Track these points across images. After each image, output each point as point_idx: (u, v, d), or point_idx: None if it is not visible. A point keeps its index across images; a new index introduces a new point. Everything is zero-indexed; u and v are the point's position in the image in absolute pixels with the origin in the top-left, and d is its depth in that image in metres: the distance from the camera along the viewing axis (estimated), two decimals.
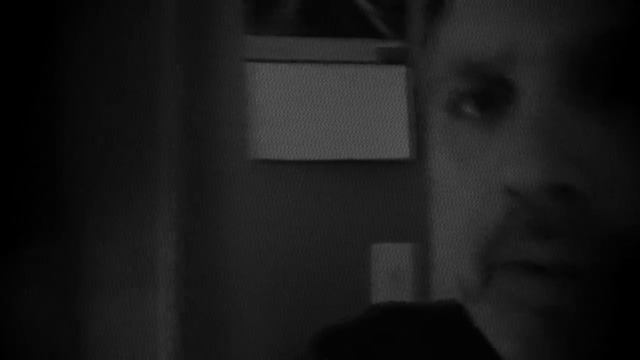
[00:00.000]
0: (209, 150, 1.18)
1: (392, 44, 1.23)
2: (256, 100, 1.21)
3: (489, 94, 0.38)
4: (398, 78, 1.23)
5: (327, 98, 1.24)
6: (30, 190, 1.12)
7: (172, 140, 1.15)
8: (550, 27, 0.35)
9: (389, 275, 1.27)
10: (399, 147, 1.24)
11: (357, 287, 1.24)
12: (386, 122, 1.24)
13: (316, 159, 1.24)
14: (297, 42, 1.23)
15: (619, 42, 0.34)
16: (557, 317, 0.34)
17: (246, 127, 1.20)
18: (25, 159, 1.11)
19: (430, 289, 1.26)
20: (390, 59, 1.22)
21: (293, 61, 1.23)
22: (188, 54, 1.17)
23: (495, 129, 0.37)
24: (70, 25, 1.13)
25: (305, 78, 1.23)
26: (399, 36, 1.22)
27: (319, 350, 0.57)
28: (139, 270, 1.18)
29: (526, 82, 0.36)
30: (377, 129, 1.24)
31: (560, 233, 0.34)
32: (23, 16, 1.10)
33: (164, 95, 1.14)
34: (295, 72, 1.23)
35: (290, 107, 1.23)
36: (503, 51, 0.36)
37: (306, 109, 1.23)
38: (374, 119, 1.24)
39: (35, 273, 1.13)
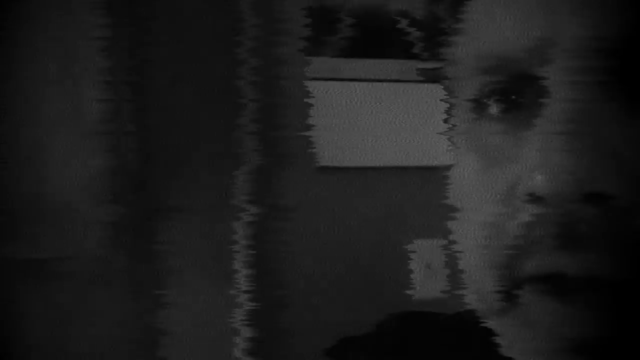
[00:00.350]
0: (281, 158, 1.34)
1: (430, 64, 1.42)
2: (318, 114, 1.37)
3: (518, 93, 0.35)
4: (436, 94, 1.41)
5: (376, 112, 1.42)
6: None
7: (249, 148, 1.30)
8: (591, 19, 0.32)
9: (425, 267, 1.46)
10: (438, 155, 1.42)
11: (399, 277, 1.43)
12: (427, 133, 1.42)
13: (369, 165, 1.42)
14: (349, 63, 1.40)
15: None
16: (586, 348, 0.32)
17: (311, 138, 1.37)
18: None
19: (462, 281, 1.44)
20: (429, 77, 1.41)
21: (347, 79, 1.40)
22: (260, 74, 1.32)
23: (524, 132, 0.34)
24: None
25: (358, 94, 1.41)
26: (436, 58, 1.41)
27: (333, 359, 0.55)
28: (216, 259, 1.33)
29: (560, 81, 0.33)
30: (419, 139, 1.43)
31: (593, 244, 0.31)
32: None
33: (242, 108, 1.30)
34: (349, 89, 1.40)
35: (345, 120, 1.40)
36: (536, 45, 0.33)
37: (359, 121, 1.40)
38: (417, 130, 1.43)
39: None
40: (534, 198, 0.32)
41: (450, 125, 0.40)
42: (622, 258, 0.31)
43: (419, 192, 1.42)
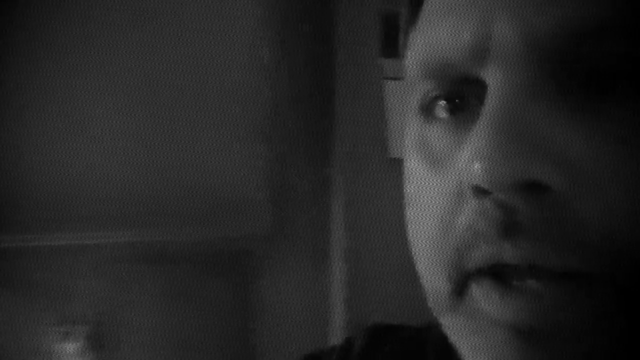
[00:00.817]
0: (361, 150, 1.56)
1: None
2: (392, 110, 1.50)
3: (460, 95, 0.37)
4: None
5: None
6: None
7: (341, 143, 1.59)
8: (524, 20, 0.33)
9: None
10: None
11: None
12: None
13: None
14: None
15: (599, 37, 0.32)
16: (532, 335, 0.32)
17: (385, 132, 1.52)
18: None
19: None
20: None
21: None
22: (345, 73, 1.56)
23: (467, 132, 0.35)
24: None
25: None
26: None
27: None
28: (315, 248, 1.63)
29: (497, 79, 0.33)
30: None
31: (532, 233, 0.32)
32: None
33: (333, 106, 1.59)
34: None
35: None
36: (473, 47, 0.34)
37: None
38: None
39: None
40: (476, 189, 0.33)
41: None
42: (561, 246, 0.31)
43: None
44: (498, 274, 0.33)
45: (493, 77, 0.34)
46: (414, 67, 0.39)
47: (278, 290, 1.65)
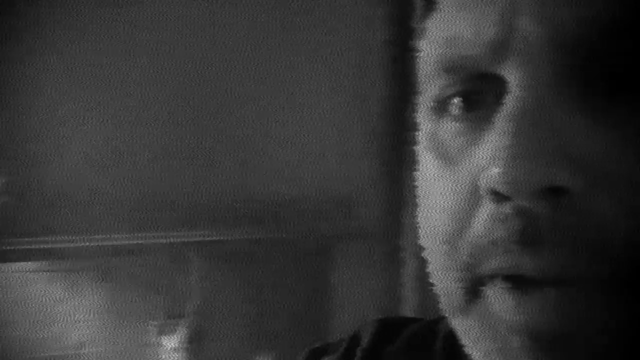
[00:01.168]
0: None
1: None
2: None
3: (478, 92, 0.35)
4: None
5: None
6: None
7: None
8: (551, 15, 0.31)
9: None
10: None
11: None
12: None
13: None
14: None
15: (623, 34, 0.31)
16: (548, 340, 0.31)
17: None
18: None
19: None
20: None
21: None
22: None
23: (482, 130, 0.33)
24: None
25: None
26: None
27: None
28: (389, 245, 1.73)
29: (518, 77, 0.32)
30: None
31: (553, 241, 0.31)
32: None
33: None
34: None
35: None
36: (495, 42, 0.33)
37: None
38: None
39: None
40: (494, 194, 0.31)
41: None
42: (583, 253, 0.30)
43: None
44: (513, 278, 0.32)
45: (514, 74, 0.32)
46: (430, 60, 0.37)
47: (354, 284, 1.76)
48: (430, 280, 0.38)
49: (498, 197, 0.31)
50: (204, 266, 1.66)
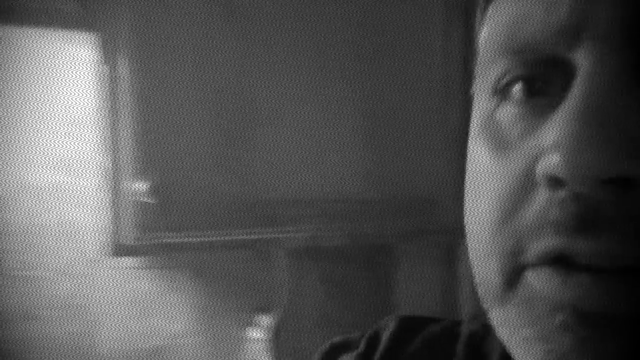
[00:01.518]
0: None
1: None
2: None
3: (542, 78, 0.34)
4: None
5: None
6: None
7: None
8: (630, 0, 0.30)
9: None
10: None
11: None
12: None
13: None
14: None
15: None
16: (594, 318, 0.30)
17: None
18: None
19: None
20: None
21: None
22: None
23: (544, 117, 0.33)
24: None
25: None
26: None
27: None
28: (446, 248, 1.83)
29: (591, 63, 0.31)
30: None
31: (614, 229, 0.30)
32: None
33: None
34: None
35: None
36: (567, 25, 0.31)
37: None
38: None
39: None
40: (552, 180, 0.30)
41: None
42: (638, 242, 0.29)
43: None
44: (559, 260, 0.31)
45: (586, 60, 0.31)
46: (493, 43, 0.36)
47: (414, 282, 1.88)
48: (473, 271, 0.38)
49: (556, 182, 0.31)
50: (289, 263, 1.77)
